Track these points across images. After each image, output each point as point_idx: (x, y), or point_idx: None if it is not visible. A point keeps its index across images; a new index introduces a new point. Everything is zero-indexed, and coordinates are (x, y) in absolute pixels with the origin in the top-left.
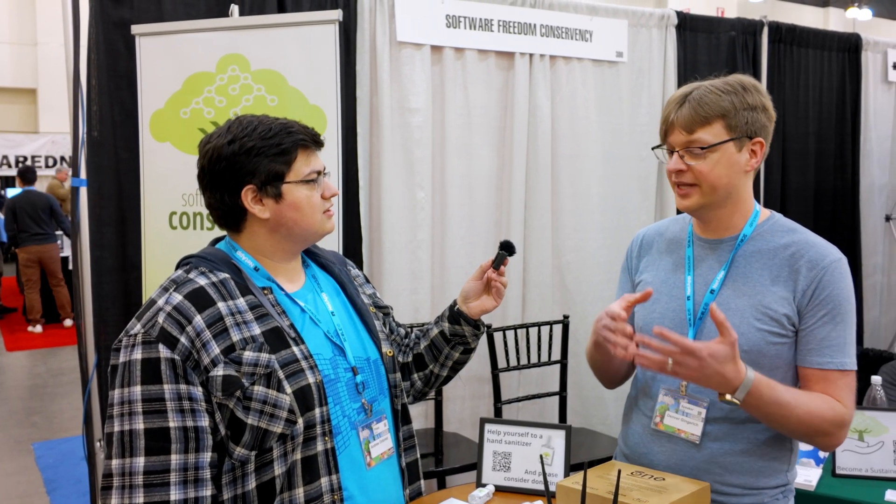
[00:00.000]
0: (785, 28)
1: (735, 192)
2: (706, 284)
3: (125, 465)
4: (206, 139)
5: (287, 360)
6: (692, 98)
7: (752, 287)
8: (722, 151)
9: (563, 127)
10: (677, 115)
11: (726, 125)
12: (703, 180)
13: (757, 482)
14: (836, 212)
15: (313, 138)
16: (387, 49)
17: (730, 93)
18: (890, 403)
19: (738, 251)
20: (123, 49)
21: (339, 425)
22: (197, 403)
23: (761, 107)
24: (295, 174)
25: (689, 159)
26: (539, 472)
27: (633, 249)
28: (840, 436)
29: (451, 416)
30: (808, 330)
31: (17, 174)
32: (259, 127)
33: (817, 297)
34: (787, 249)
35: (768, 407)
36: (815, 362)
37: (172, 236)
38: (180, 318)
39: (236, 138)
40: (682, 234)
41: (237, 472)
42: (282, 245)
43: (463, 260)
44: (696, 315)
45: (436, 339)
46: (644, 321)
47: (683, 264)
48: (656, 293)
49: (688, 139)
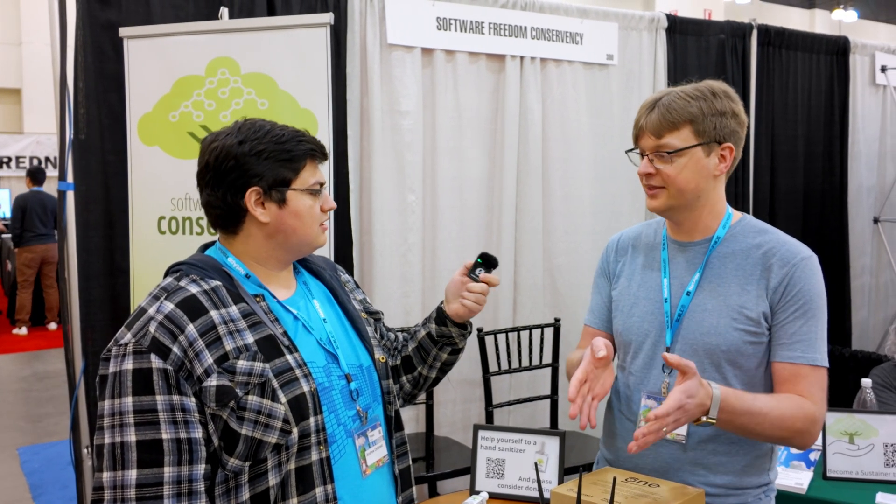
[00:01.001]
0: (774, 31)
1: (704, 196)
2: (682, 286)
3: (117, 479)
4: (213, 137)
5: (281, 368)
6: (661, 104)
7: (727, 288)
8: (689, 156)
9: (553, 129)
10: (647, 121)
11: (694, 130)
12: (671, 183)
13: (741, 482)
14: (825, 214)
15: (321, 150)
16: (377, 51)
17: (698, 98)
18: (880, 406)
19: (711, 253)
20: (111, 51)
21: (335, 434)
22: (190, 414)
23: (731, 112)
24: (301, 182)
25: (657, 163)
26: (533, 478)
27: (608, 254)
28: (813, 433)
29: (442, 421)
30: (780, 325)
31: (26, 174)
32: (272, 131)
33: (788, 293)
34: (760, 249)
35: (741, 418)
36: (786, 356)
37: (161, 241)
38: (172, 328)
39: (247, 139)
40: (656, 238)
41: (230, 483)
42: (276, 253)
43: (454, 263)
44: (672, 317)
45: (423, 340)
46: (624, 326)
47: (659, 267)
48: (635, 297)
49: (656, 143)
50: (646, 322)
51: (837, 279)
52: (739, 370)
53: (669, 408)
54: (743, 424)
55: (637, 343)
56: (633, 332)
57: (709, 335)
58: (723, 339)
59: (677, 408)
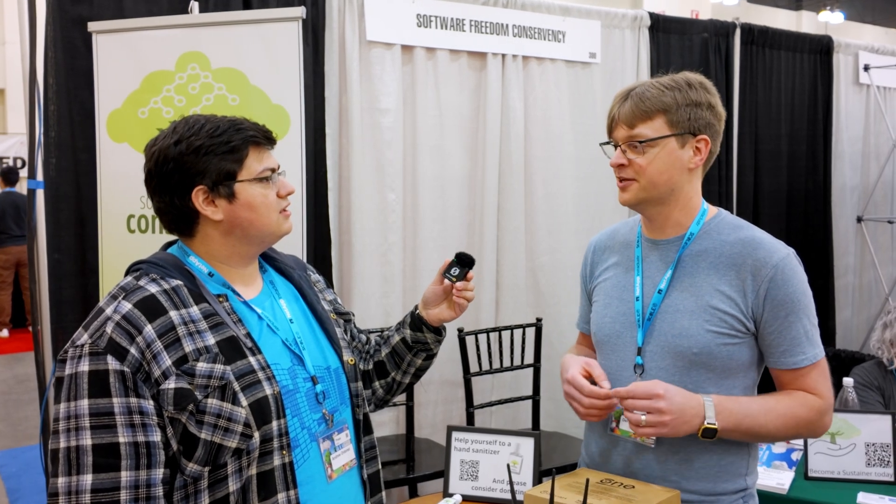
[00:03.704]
0: (757, 30)
1: (678, 189)
2: (654, 285)
3: (72, 484)
4: (152, 142)
5: (243, 371)
6: (634, 93)
7: (699, 287)
8: (662, 146)
9: (536, 128)
10: (619, 111)
11: (667, 121)
12: (642, 175)
13: (715, 487)
14: (808, 213)
15: (265, 135)
16: (356, 48)
17: (673, 89)
18: (862, 405)
19: (684, 251)
20: (82, 47)
21: (298, 438)
22: (148, 417)
23: (706, 104)
24: (247, 172)
25: (630, 153)
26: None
27: (587, 259)
28: (825, 422)
29: (422, 422)
30: (776, 332)
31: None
32: (206, 125)
33: (774, 299)
34: (734, 247)
35: (744, 422)
36: (791, 363)
37: (131, 240)
38: (129, 328)
39: (183, 138)
40: (631, 236)
41: (189, 488)
42: (237, 248)
43: (435, 263)
44: (644, 316)
45: (397, 346)
46: (598, 326)
47: (633, 265)
48: (608, 297)
49: (629, 134)
50: (617, 322)
51: (821, 279)
52: (712, 373)
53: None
54: (748, 428)
55: (610, 343)
56: (605, 332)
57: (680, 336)
58: (694, 340)
59: (658, 393)
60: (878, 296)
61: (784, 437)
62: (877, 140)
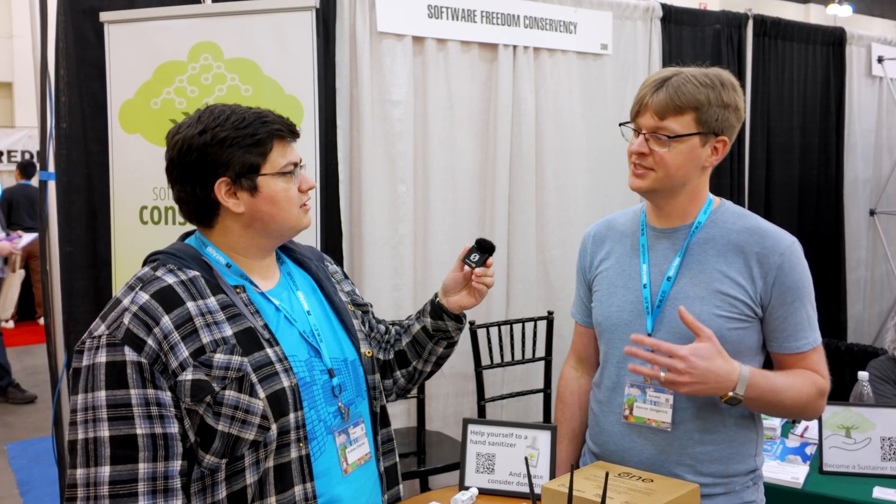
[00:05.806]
0: (770, 21)
1: (690, 185)
2: (662, 273)
3: (90, 476)
4: (175, 129)
5: (260, 362)
6: (671, 84)
7: (708, 274)
8: (687, 143)
9: (547, 120)
10: (652, 99)
11: (697, 118)
12: (661, 167)
13: (727, 469)
14: (821, 206)
15: (289, 128)
16: (367, 40)
17: (708, 86)
18: (877, 399)
19: (692, 238)
20: (93, 38)
21: (315, 430)
22: (165, 409)
23: (734, 106)
24: (271, 166)
25: (653, 144)
26: (524, 473)
27: (585, 248)
28: (822, 405)
29: (433, 415)
30: (781, 318)
31: (17, 167)
32: (232, 116)
33: (781, 286)
34: (740, 235)
35: (767, 395)
36: (794, 347)
37: (143, 231)
38: (147, 319)
39: (208, 128)
40: (634, 224)
41: (207, 480)
42: (256, 241)
43: (446, 255)
44: (653, 304)
45: (418, 334)
46: (602, 314)
47: (638, 253)
48: (612, 285)
49: (657, 124)
50: (625, 311)
51: (833, 272)
52: None
53: (669, 348)
54: (769, 402)
55: (618, 331)
56: (612, 321)
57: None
58: (705, 325)
59: (682, 354)
60: (891, 290)
61: (789, 414)
62: (890, 133)
